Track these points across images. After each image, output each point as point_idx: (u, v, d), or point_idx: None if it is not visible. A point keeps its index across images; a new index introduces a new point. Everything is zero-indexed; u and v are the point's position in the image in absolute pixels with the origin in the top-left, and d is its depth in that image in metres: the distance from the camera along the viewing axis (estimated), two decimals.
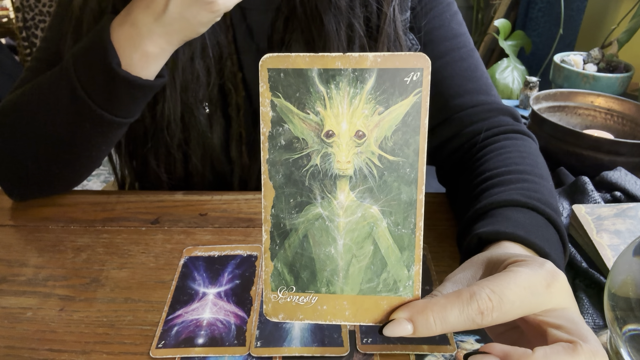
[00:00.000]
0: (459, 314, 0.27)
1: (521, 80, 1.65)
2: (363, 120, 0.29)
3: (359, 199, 0.30)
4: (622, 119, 0.93)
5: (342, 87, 0.29)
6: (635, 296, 0.33)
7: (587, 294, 0.45)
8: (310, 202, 0.30)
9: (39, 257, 0.51)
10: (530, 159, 0.50)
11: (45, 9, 1.95)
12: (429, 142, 0.67)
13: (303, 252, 0.30)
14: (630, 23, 1.33)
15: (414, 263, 0.31)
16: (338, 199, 0.30)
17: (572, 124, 0.95)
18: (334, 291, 0.31)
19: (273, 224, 0.30)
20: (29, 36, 1.99)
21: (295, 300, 0.31)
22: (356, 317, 0.31)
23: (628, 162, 0.77)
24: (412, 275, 0.31)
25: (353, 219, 0.30)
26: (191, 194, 0.61)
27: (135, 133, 0.61)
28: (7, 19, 2.17)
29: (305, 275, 0.31)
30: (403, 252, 0.31)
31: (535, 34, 1.78)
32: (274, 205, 0.30)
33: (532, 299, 0.27)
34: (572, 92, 0.98)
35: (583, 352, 0.25)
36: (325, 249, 0.31)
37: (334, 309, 0.31)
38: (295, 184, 0.30)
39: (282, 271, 0.31)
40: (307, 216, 0.30)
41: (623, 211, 0.53)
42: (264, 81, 0.29)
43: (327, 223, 0.30)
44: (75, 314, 0.44)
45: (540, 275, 0.28)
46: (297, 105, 0.29)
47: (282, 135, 0.29)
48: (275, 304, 0.31)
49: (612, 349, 0.36)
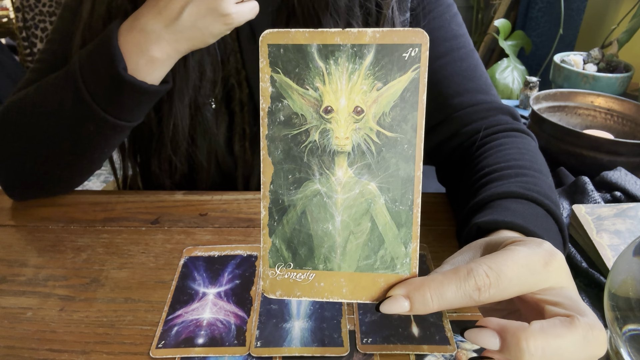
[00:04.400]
0: (456, 290, 0.27)
1: (521, 80, 1.65)
2: (361, 96, 0.29)
3: (357, 176, 0.30)
4: (622, 119, 0.93)
5: (341, 63, 0.29)
6: (635, 296, 0.33)
7: (587, 294, 0.45)
8: (309, 178, 0.30)
9: (39, 257, 0.51)
10: (529, 155, 0.50)
11: (45, 9, 1.95)
12: (428, 142, 0.68)
13: (301, 228, 0.30)
14: (630, 23, 1.33)
15: (411, 240, 0.30)
16: (336, 175, 0.30)
17: (572, 124, 0.95)
18: (331, 268, 0.31)
19: (272, 200, 0.30)
20: (29, 36, 1.99)
21: (292, 277, 0.31)
22: (353, 294, 0.31)
23: (628, 162, 0.77)
24: (409, 252, 0.30)
25: (351, 195, 0.30)
26: (191, 194, 0.61)
27: (141, 128, 0.61)
28: (7, 19, 2.17)
29: (302, 251, 0.31)
30: (400, 229, 0.30)
31: (535, 34, 1.78)
32: (273, 181, 0.30)
33: (530, 277, 0.27)
34: (572, 92, 0.98)
35: (580, 325, 0.25)
36: (323, 226, 0.30)
37: (331, 286, 0.31)
38: (294, 160, 0.30)
39: (280, 247, 0.30)
40: (305, 192, 0.30)
41: (623, 211, 0.53)
42: (263, 57, 0.29)
43: (325, 199, 0.30)
44: (75, 314, 0.44)
45: (539, 253, 0.28)
46: (296, 81, 0.29)
47: (282, 111, 0.29)
48: (273, 280, 0.31)
49: (612, 349, 0.36)
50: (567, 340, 0.25)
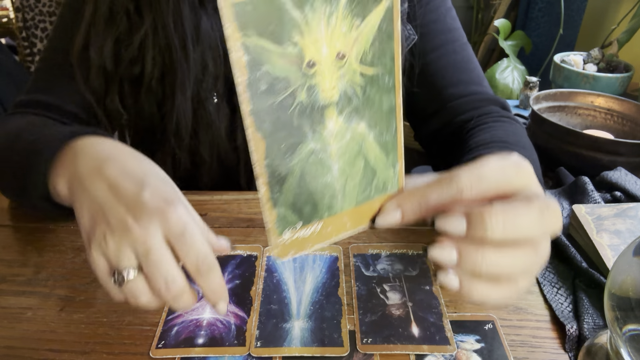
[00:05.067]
0: (440, 195, 0.31)
1: (521, 80, 1.65)
2: (342, 39, 0.28)
3: (347, 122, 0.30)
4: (622, 119, 0.93)
5: (317, 8, 0.26)
6: (635, 296, 0.33)
7: (587, 294, 0.45)
8: (302, 141, 0.29)
9: (39, 257, 0.51)
10: (515, 136, 0.54)
11: (45, 9, 1.95)
12: (424, 130, 0.71)
13: (301, 190, 0.30)
14: (630, 23, 1.33)
15: (397, 161, 0.33)
16: (327, 128, 0.30)
17: (572, 124, 0.95)
18: (335, 212, 0.32)
19: (269, 174, 0.29)
20: (28, 36, 1.99)
21: (302, 235, 0.31)
22: (354, 224, 0.32)
23: (628, 162, 0.77)
24: (396, 172, 0.33)
25: (343, 143, 0.31)
26: (191, 194, 0.61)
27: (144, 125, 0.61)
28: (7, 19, 2.17)
29: (307, 209, 0.31)
30: (388, 155, 0.32)
31: (536, 34, 1.78)
32: (267, 155, 0.28)
33: (505, 178, 0.31)
34: (572, 92, 0.98)
35: (537, 204, 0.29)
36: (322, 180, 0.31)
37: (337, 227, 0.32)
38: (284, 127, 0.28)
39: (285, 214, 0.30)
40: (300, 156, 0.29)
41: (623, 211, 0.53)
42: (229, 21, 0.24)
43: (320, 156, 0.30)
44: (75, 314, 0.44)
45: (510, 161, 0.32)
46: (272, 40, 0.26)
47: (262, 80, 0.26)
48: (283, 246, 0.31)
49: (612, 349, 0.36)
50: (525, 216, 0.29)
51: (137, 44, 0.56)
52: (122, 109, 0.60)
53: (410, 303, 0.44)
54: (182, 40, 0.55)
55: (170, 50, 0.56)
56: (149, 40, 0.55)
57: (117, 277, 0.33)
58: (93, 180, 0.37)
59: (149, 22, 0.55)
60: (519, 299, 0.45)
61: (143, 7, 0.55)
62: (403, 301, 0.44)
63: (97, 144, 0.41)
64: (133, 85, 0.59)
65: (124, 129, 0.63)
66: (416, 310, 0.43)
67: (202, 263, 0.33)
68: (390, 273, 0.48)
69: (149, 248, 0.32)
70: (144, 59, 0.56)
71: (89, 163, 0.38)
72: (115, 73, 0.58)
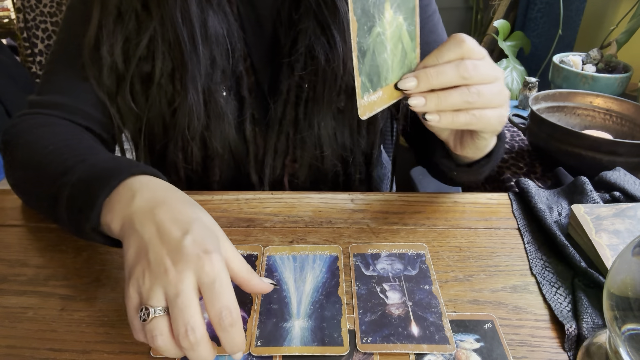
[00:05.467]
0: (449, 55, 0.42)
1: (520, 80, 1.65)
2: None
3: (395, 14, 0.43)
4: (621, 119, 0.93)
5: None
6: (634, 296, 0.33)
7: (587, 294, 0.45)
8: (374, 24, 0.41)
9: (40, 256, 0.51)
10: None
11: (46, 10, 1.95)
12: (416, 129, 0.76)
13: (372, 63, 0.42)
14: (629, 24, 1.33)
15: (416, 47, 0.46)
16: (385, 17, 0.42)
17: (571, 124, 0.95)
18: (388, 82, 0.44)
19: (358, 49, 0.40)
20: (30, 37, 1.98)
21: (372, 99, 0.43)
22: (397, 94, 0.45)
23: (627, 162, 0.77)
24: (416, 55, 0.46)
25: (392, 29, 0.43)
26: (191, 194, 0.61)
27: (155, 121, 0.62)
28: (8, 20, 2.17)
29: (375, 79, 0.42)
30: (412, 41, 0.45)
31: (535, 34, 1.78)
32: (358, 34, 0.40)
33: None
34: (571, 92, 0.98)
35: (468, 40, 0.42)
36: (382, 56, 0.42)
37: (389, 95, 0.44)
38: (365, 13, 0.40)
39: (365, 81, 0.41)
40: (372, 36, 0.41)
41: (622, 211, 0.53)
42: None
43: (382, 37, 0.42)
44: (76, 314, 0.44)
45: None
46: None
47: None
48: (363, 106, 0.42)
49: (611, 349, 0.36)
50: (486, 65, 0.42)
51: (146, 40, 0.56)
52: (134, 107, 0.60)
53: (409, 302, 0.44)
54: (191, 34, 0.56)
55: (179, 45, 0.56)
56: (158, 36, 0.56)
57: (144, 312, 0.34)
58: (144, 222, 0.38)
59: (157, 18, 0.56)
60: (518, 298, 0.45)
61: (151, 4, 0.56)
62: (403, 301, 0.45)
63: (153, 188, 0.42)
64: (144, 83, 0.59)
65: (135, 127, 0.63)
66: (416, 310, 0.43)
67: (225, 316, 0.34)
68: (390, 273, 0.48)
69: (179, 292, 0.34)
70: (154, 55, 0.57)
71: (144, 206, 0.40)
72: (126, 71, 0.58)
